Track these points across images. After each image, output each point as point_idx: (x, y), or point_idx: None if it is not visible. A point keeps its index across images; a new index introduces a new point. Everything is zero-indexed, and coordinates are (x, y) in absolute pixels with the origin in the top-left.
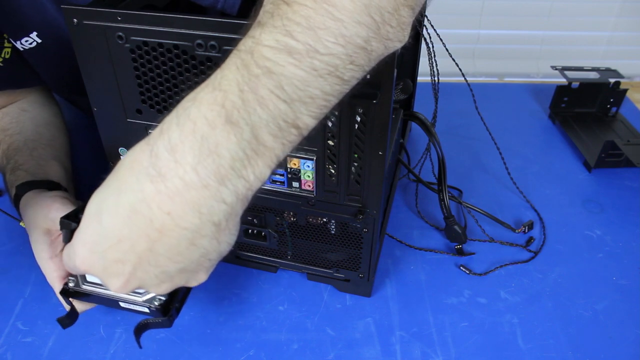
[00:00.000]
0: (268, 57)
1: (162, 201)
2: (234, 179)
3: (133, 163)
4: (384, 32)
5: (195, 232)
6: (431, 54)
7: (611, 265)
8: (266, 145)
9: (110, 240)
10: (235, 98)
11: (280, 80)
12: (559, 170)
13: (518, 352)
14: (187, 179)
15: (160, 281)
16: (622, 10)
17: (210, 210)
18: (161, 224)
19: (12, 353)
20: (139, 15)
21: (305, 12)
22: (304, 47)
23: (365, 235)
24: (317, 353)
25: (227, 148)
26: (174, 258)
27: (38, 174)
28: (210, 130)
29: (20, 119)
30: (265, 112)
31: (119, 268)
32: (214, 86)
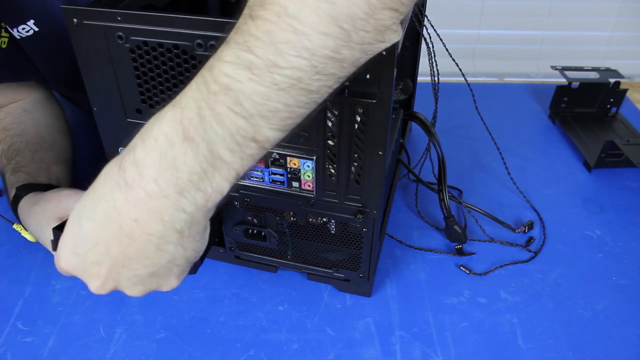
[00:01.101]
0: (227, 74)
1: (129, 209)
2: (193, 190)
3: (107, 174)
4: (357, 39)
5: (160, 238)
6: (431, 54)
7: (611, 265)
8: (223, 159)
9: (88, 243)
10: (192, 115)
11: (238, 96)
12: (559, 170)
13: (518, 352)
14: (148, 189)
15: (133, 284)
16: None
17: (171, 218)
18: (130, 230)
19: (12, 353)
20: (139, 15)
21: (267, 27)
22: (263, 62)
23: (365, 235)
24: (317, 353)
25: (184, 162)
26: (143, 262)
27: (39, 177)
28: (169, 146)
29: (22, 120)
30: (222, 127)
31: (96, 270)
32: (174, 104)
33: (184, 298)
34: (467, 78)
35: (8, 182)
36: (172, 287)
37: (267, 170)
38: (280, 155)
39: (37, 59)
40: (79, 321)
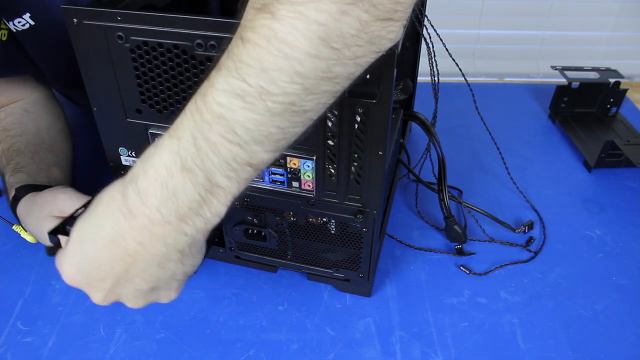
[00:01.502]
0: (220, 102)
1: (133, 234)
2: (193, 216)
3: (109, 201)
4: (349, 54)
5: (163, 258)
6: (431, 54)
7: (611, 265)
8: (221, 186)
9: (93, 264)
10: (189, 146)
11: (232, 125)
12: (559, 170)
13: (518, 352)
14: (152, 217)
15: (134, 297)
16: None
17: (174, 241)
18: (134, 251)
19: (12, 353)
20: (139, 15)
21: (257, 53)
22: (255, 90)
23: (365, 235)
24: (317, 353)
25: (184, 192)
26: (146, 278)
27: (39, 177)
28: (169, 177)
29: (23, 120)
30: (218, 156)
31: (100, 285)
32: (171, 134)
33: (184, 298)
34: (467, 78)
35: (8, 183)
36: (170, 299)
37: (267, 170)
38: (280, 155)
39: (35, 54)
40: (79, 321)
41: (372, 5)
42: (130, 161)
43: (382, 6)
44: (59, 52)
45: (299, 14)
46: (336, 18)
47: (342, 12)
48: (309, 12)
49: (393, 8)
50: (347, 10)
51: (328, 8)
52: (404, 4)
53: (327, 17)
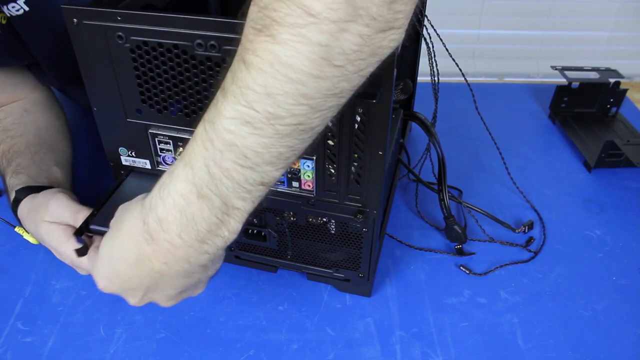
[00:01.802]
0: (229, 130)
1: (158, 257)
2: (212, 237)
3: (130, 229)
4: (353, 69)
5: (188, 272)
6: (431, 54)
7: (611, 265)
8: (236, 207)
9: (123, 278)
10: (202, 174)
11: (243, 151)
12: (559, 170)
13: (518, 352)
14: (174, 242)
15: (165, 300)
16: (622, 10)
17: (196, 260)
18: (160, 269)
19: (12, 353)
20: (139, 15)
21: (262, 79)
22: (263, 116)
23: (365, 235)
24: (317, 353)
25: (202, 217)
26: (173, 286)
27: (39, 178)
28: (186, 205)
29: (23, 121)
30: (231, 181)
31: (133, 293)
32: (185, 162)
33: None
34: (467, 78)
35: (8, 185)
36: (198, 293)
37: None
38: None
39: (31, 43)
40: (79, 321)
41: (372, 19)
42: (130, 161)
43: (382, 17)
44: (54, 44)
45: (301, 37)
46: (337, 37)
47: (343, 30)
48: (310, 34)
49: (394, 17)
50: (347, 28)
51: (329, 28)
52: (404, 11)
53: (327, 37)
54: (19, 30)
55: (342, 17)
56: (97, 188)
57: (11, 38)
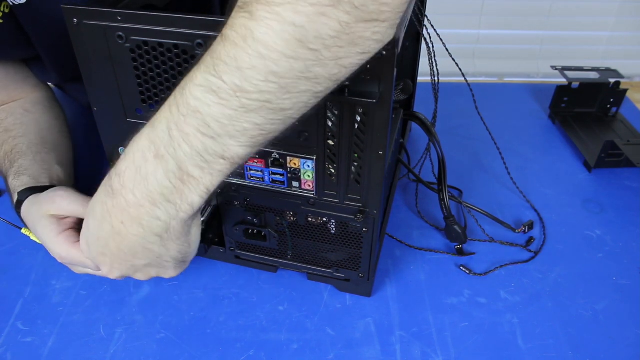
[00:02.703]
0: (196, 97)
1: (116, 213)
2: (164, 202)
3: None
4: (329, 56)
5: (143, 239)
6: (431, 54)
7: (611, 265)
8: (192, 175)
9: (93, 237)
10: (163, 135)
11: (206, 119)
12: (559, 170)
13: (518, 352)
14: (128, 198)
15: (134, 272)
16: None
17: (148, 224)
18: (119, 229)
19: (12, 353)
20: (139, 15)
21: (234, 52)
22: (230, 87)
23: (365, 235)
24: (317, 353)
25: (155, 177)
26: (136, 256)
27: (41, 178)
28: (143, 162)
29: (24, 121)
30: (190, 147)
31: (102, 259)
32: (150, 123)
33: (184, 298)
34: (467, 78)
35: (11, 186)
36: (170, 276)
37: (267, 170)
38: (280, 155)
39: (32, 34)
40: (79, 321)
41: (354, 7)
42: None
43: (365, 7)
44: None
45: (276, 15)
46: (313, 20)
47: (320, 14)
48: (285, 14)
49: (378, 9)
50: (326, 12)
51: (305, 10)
52: (391, 5)
53: (303, 19)
54: (21, 19)
55: (321, 1)
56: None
57: (13, 27)
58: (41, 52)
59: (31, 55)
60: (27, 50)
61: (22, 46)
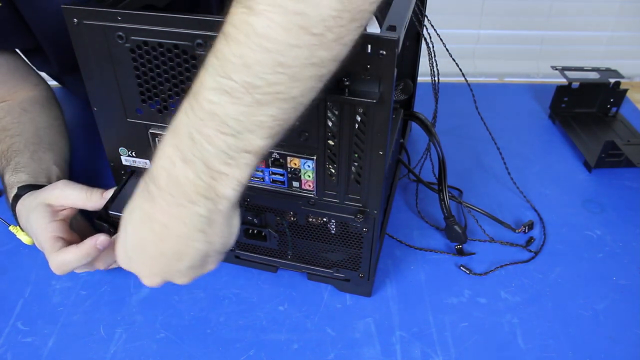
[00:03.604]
0: (210, 100)
1: (156, 215)
2: (202, 200)
3: (139, 188)
4: (332, 37)
5: (187, 238)
6: (431, 54)
7: (611, 265)
8: (222, 172)
9: (132, 244)
10: (186, 140)
11: (224, 119)
12: (559, 170)
13: (518, 352)
14: (167, 200)
15: (177, 277)
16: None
17: (191, 222)
18: (161, 232)
19: (12, 353)
20: (139, 15)
21: (239, 50)
22: (241, 86)
23: (365, 235)
24: (317, 353)
25: (187, 179)
26: (180, 259)
27: (39, 177)
28: (172, 167)
29: (22, 120)
30: (213, 147)
31: (142, 268)
32: (171, 129)
33: (184, 298)
34: (467, 78)
35: (7, 183)
36: (210, 269)
37: (267, 170)
38: (280, 155)
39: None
40: (79, 321)
41: None
42: (130, 161)
43: None
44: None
45: (276, 7)
46: (315, 3)
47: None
48: (285, 3)
49: None
50: None
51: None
52: None
53: (305, 5)
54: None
55: None
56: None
57: (13, 14)
58: (41, 40)
59: (32, 46)
60: (27, 39)
61: (22, 34)
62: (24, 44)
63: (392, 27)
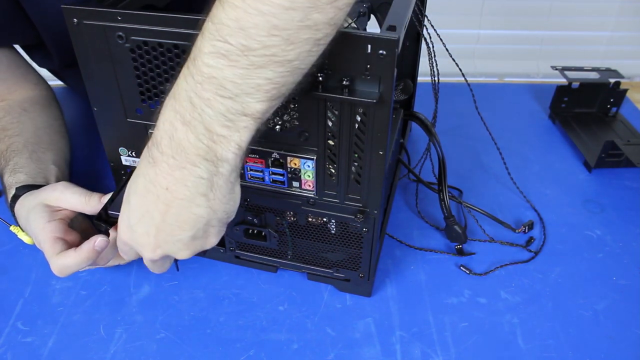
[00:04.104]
0: (207, 64)
1: (159, 180)
2: (203, 161)
3: (142, 156)
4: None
5: (190, 202)
6: (431, 54)
7: (611, 265)
8: (221, 134)
9: (136, 215)
10: (186, 104)
11: (221, 82)
12: (559, 170)
13: (518, 352)
14: (170, 163)
15: (179, 249)
16: (622, 10)
17: (194, 184)
18: (164, 197)
19: (12, 353)
20: (139, 15)
21: (234, 14)
22: (237, 48)
23: (365, 235)
24: (317, 353)
25: (188, 142)
26: (182, 227)
27: (38, 178)
28: (174, 131)
29: (21, 120)
30: (212, 110)
31: (145, 239)
32: (171, 95)
33: (184, 298)
34: (467, 78)
35: (6, 183)
36: (212, 244)
37: (267, 170)
38: (280, 155)
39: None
40: (79, 321)
41: None
42: (130, 161)
43: None
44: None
45: None
46: None
47: None
48: None
49: None
50: None
51: None
52: None
53: None
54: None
55: None
56: (96, 188)
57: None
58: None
59: (33, 41)
60: (29, 34)
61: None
62: (26, 39)
63: (392, 27)
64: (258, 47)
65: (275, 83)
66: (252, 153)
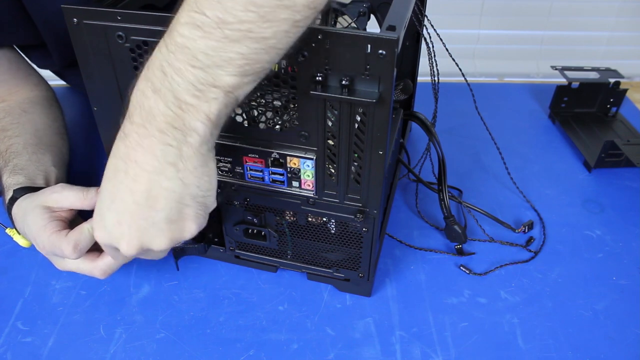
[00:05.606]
0: (182, 34)
1: (129, 153)
2: (171, 129)
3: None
4: None
5: (159, 174)
6: (431, 54)
7: (611, 265)
8: (190, 103)
9: (107, 202)
10: (157, 72)
11: (194, 52)
12: (559, 170)
13: (518, 352)
14: (140, 132)
15: (155, 235)
16: (622, 10)
17: (162, 153)
18: (133, 172)
19: (12, 353)
20: (138, 15)
21: None
22: (212, 21)
23: (365, 234)
24: (317, 353)
25: (158, 109)
26: (154, 205)
27: (37, 179)
28: (144, 99)
29: (21, 121)
30: (183, 79)
31: (120, 230)
32: (145, 65)
33: (184, 298)
34: (467, 78)
35: (5, 185)
36: (192, 232)
37: (267, 170)
38: (280, 155)
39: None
40: (79, 321)
41: None
42: None
43: None
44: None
45: None
46: None
47: None
48: None
49: None
50: None
51: None
52: None
53: None
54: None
55: None
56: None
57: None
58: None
59: (34, 41)
60: (30, 34)
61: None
62: (27, 38)
63: (391, 27)
64: (233, 21)
65: (248, 59)
66: (252, 153)
